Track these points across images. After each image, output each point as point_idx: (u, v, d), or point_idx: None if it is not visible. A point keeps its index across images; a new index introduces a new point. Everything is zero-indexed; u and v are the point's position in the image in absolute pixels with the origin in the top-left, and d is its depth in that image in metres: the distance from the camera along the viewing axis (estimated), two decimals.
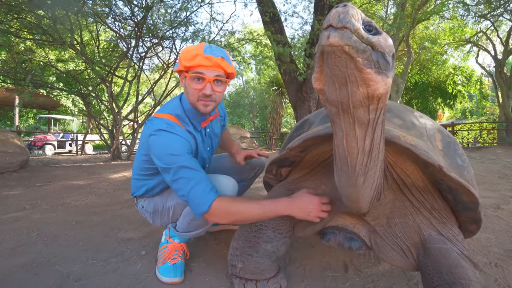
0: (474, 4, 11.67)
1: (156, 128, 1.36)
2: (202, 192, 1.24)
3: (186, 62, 1.34)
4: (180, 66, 1.37)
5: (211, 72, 1.35)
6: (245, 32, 13.37)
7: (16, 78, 6.47)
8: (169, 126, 1.38)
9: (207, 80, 1.35)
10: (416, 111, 1.45)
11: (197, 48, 1.36)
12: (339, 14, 0.67)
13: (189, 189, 1.25)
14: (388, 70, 0.74)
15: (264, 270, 1.38)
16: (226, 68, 1.39)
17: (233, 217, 1.29)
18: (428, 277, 1.08)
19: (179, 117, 1.45)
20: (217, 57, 1.35)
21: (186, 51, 1.37)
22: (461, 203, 1.19)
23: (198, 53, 1.33)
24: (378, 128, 0.84)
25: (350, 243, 1.33)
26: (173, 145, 1.32)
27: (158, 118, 1.43)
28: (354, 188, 0.97)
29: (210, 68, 1.34)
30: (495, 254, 1.80)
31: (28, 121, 23.98)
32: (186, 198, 1.27)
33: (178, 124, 1.43)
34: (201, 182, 1.26)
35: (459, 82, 18.54)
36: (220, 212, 1.25)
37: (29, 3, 4.90)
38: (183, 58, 1.35)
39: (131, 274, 1.57)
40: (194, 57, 1.33)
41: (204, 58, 1.33)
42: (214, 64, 1.34)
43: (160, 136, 1.34)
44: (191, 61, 1.33)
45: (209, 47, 1.36)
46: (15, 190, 3.49)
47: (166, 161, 1.29)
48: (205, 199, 1.24)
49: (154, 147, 1.35)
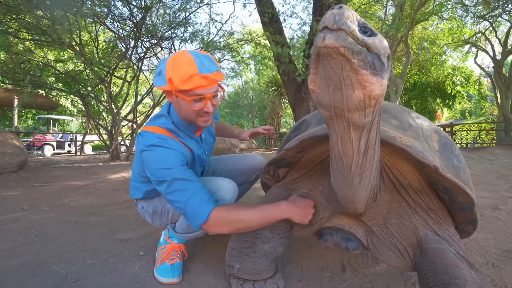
0: (472, 4, 11.70)
1: (148, 143, 1.32)
2: (199, 203, 1.20)
3: (181, 85, 1.22)
4: (171, 87, 1.24)
5: (210, 90, 1.29)
6: (244, 32, 13.39)
7: (15, 79, 6.46)
8: (161, 140, 1.33)
9: (207, 98, 1.30)
10: (413, 112, 1.46)
11: (189, 65, 1.23)
12: (334, 16, 0.67)
13: (185, 200, 1.21)
14: (384, 71, 0.75)
15: (262, 271, 1.38)
16: (220, 79, 1.32)
17: (233, 226, 1.24)
18: (425, 277, 1.09)
19: (171, 131, 1.40)
20: (213, 73, 1.26)
21: (176, 69, 1.22)
22: (457, 204, 1.20)
23: (193, 73, 1.21)
24: (373, 129, 0.85)
25: (347, 243, 1.33)
26: (165, 159, 1.28)
27: (149, 132, 1.38)
28: (350, 189, 0.97)
29: (208, 86, 1.27)
30: (493, 255, 1.81)
31: (27, 122, 23.95)
32: (183, 210, 1.23)
33: (171, 136, 1.38)
34: (197, 193, 1.22)
35: (458, 83, 18.60)
36: (219, 222, 1.21)
37: (27, 3, 4.89)
38: (177, 80, 1.21)
39: (129, 274, 1.57)
40: (190, 79, 1.22)
41: (202, 79, 1.23)
42: (212, 81, 1.27)
43: (152, 152, 1.30)
44: (187, 83, 1.22)
45: (201, 63, 1.25)
46: (14, 190, 3.49)
47: (159, 175, 1.26)
48: (202, 210, 1.20)
49: (147, 163, 1.31)
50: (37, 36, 6.31)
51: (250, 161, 1.89)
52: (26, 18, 5.51)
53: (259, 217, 1.24)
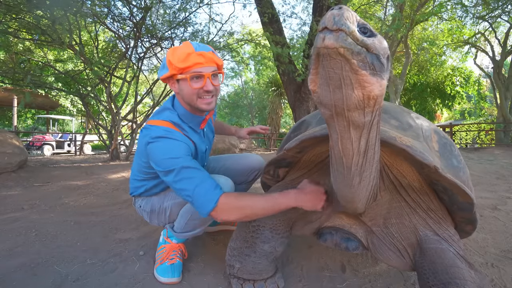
0: (472, 5, 11.73)
1: (154, 135, 1.34)
2: (207, 190, 1.22)
3: (180, 64, 1.30)
4: (172, 70, 1.33)
5: (208, 68, 1.35)
6: (244, 32, 13.39)
7: (14, 79, 6.46)
8: (167, 132, 1.36)
9: (206, 76, 1.35)
10: (413, 112, 1.46)
11: (186, 47, 1.33)
12: (334, 16, 0.68)
13: (193, 188, 1.22)
14: (383, 72, 0.75)
15: (262, 270, 1.39)
16: (218, 61, 1.40)
17: (242, 212, 1.24)
18: (424, 277, 1.09)
19: (176, 124, 1.43)
20: (209, 51, 1.35)
21: (174, 53, 1.33)
22: (457, 204, 1.20)
23: (190, 52, 1.30)
24: (373, 129, 0.85)
25: (347, 243, 1.34)
26: (172, 149, 1.30)
27: (154, 125, 1.40)
28: (350, 189, 0.98)
29: (206, 64, 1.34)
30: (492, 255, 1.81)
31: (26, 121, 23.92)
32: (191, 198, 1.23)
33: (176, 129, 1.40)
34: (205, 180, 1.24)
35: (458, 83, 18.60)
36: (228, 207, 1.22)
37: (27, 3, 4.89)
38: (175, 60, 1.31)
39: (129, 274, 1.58)
40: (187, 57, 1.30)
41: (198, 56, 1.31)
42: (209, 60, 1.34)
43: (159, 143, 1.32)
44: (185, 61, 1.30)
45: (197, 44, 1.35)
46: (14, 190, 3.49)
47: (167, 165, 1.27)
48: (210, 196, 1.21)
49: (153, 154, 1.33)
50: (37, 36, 6.30)
51: (249, 161, 1.89)
52: (26, 17, 5.51)
53: (266, 204, 1.23)
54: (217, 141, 7.93)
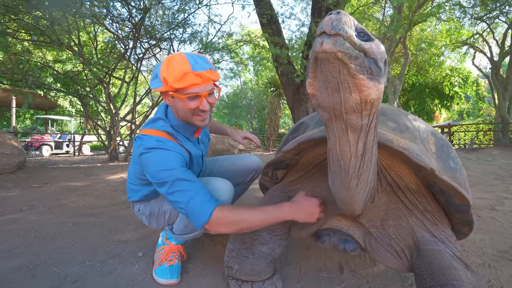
0: (470, 6, 11.78)
1: (147, 146, 1.32)
2: (201, 203, 1.20)
3: (176, 84, 1.24)
4: (166, 87, 1.27)
5: (205, 88, 1.30)
6: (243, 33, 13.41)
7: (13, 79, 6.45)
8: (160, 142, 1.33)
9: (202, 96, 1.30)
10: (410, 114, 1.47)
11: (182, 64, 1.25)
12: (332, 21, 0.69)
13: (187, 200, 1.21)
14: (380, 76, 0.76)
15: (260, 272, 1.39)
16: (215, 78, 1.33)
17: (235, 226, 1.24)
18: (421, 278, 1.10)
19: (169, 134, 1.41)
20: (206, 70, 1.28)
21: (171, 69, 1.25)
22: (453, 206, 1.21)
23: (187, 72, 1.23)
24: (371, 132, 0.86)
25: (345, 244, 1.34)
26: (166, 161, 1.28)
27: (148, 135, 1.38)
28: (348, 191, 0.98)
29: (203, 84, 1.28)
30: (489, 255, 1.82)
31: (25, 122, 23.86)
32: (185, 210, 1.22)
33: (170, 139, 1.39)
34: (199, 192, 1.22)
35: (456, 84, 18.66)
36: (221, 221, 1.21)
37: (26, 4, 4.89)
38: (171, 79, 1.24)
39: (128, 275, 1.58)
40: (184, 77, 1.23)
41: (195, 76, 1.25)
42: (206, 79, 1.28)
43: (152, 154, 1.30)
44: (181, 82, 1.24)
45: (194, 61, 1.27)
46: (12, 191, 3.48)
47: (160, 177, 1.25)
48: (204, 209, 1.19)
49: (147, 166, 1.31)
50: (35, 37, 6.30)
51: (246, 162, 1.89)
52: (25, 18, 5.51)
53: (260, 217, 1.23)
54: (216, 142, 7.94)
